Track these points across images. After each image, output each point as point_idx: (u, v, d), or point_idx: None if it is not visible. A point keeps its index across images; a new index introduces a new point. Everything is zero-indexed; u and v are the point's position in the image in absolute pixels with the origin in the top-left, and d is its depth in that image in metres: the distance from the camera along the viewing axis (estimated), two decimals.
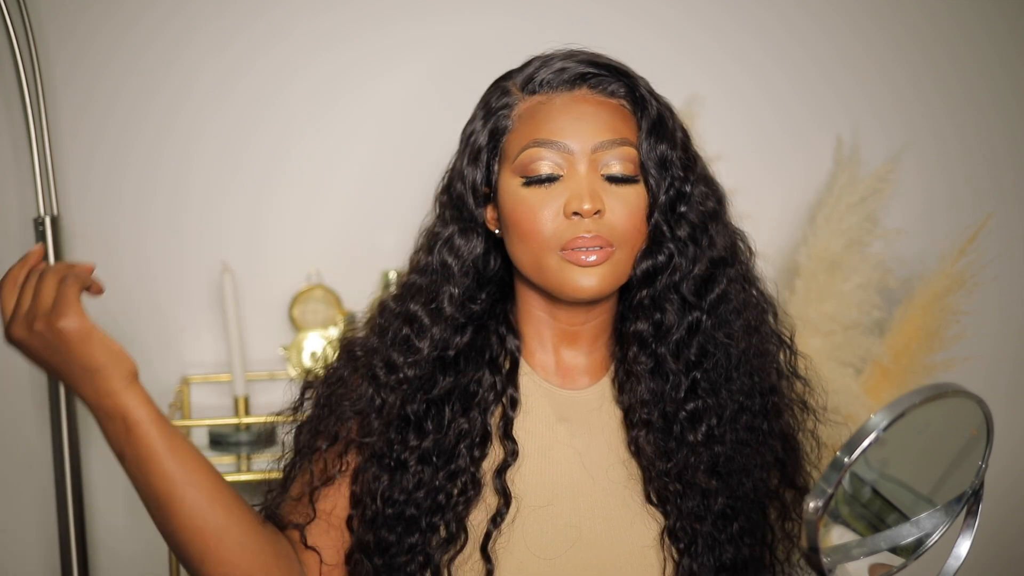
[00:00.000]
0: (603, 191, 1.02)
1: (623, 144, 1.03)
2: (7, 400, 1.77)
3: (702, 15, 1.91)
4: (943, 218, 1.98)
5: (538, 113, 1.04)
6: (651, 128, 1.05)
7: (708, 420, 1.07)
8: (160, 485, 0.90)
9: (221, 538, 0.92)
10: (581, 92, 1.05)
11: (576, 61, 1.06)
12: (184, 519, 0.91)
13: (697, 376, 1.07)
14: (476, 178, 1.07)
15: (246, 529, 0.94)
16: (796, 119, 1.95)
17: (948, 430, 0.86)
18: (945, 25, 1.97)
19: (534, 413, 1.09)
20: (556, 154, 1.02)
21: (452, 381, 1.06)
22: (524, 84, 1.07)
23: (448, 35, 1.82)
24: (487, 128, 1.07)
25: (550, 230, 1.01)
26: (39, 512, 1.79)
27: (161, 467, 0.90)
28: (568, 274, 1.01)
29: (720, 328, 1.08)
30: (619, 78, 1.06)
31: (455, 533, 1.03)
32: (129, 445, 0.89)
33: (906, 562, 0.90)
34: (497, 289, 1.11)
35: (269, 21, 1.79)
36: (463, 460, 1.04)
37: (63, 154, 1.74)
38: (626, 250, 1.03)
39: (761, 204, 1.93)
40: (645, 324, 1.07)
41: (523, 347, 1.11)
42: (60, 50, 1.73)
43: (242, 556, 0.94)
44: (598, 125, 1.03)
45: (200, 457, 0.93)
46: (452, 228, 1.08)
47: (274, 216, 1.82)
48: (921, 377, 1.84)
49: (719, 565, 1.07)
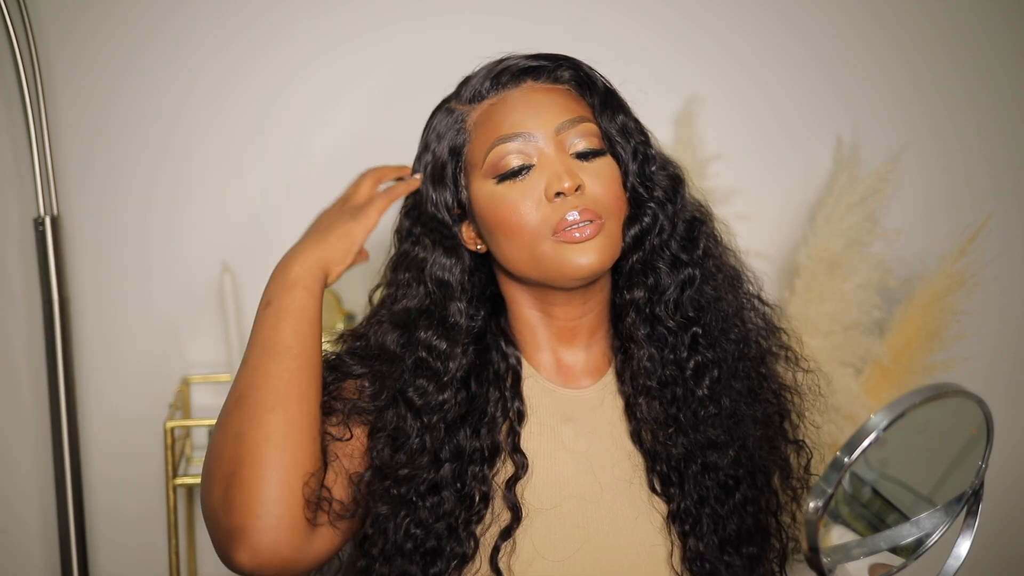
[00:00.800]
0: (577, 168, 1.04)
1: (583, 121, 1.06)
2: (7, 400, 1.77)
3: (702, 15, 1.91)
4: (943, 218, 1.98)
5: (493, 114, 1.06)
6: (603, 102, 1.08)
7: (711, 373, 1.09)
8: (284, 337, 1.01)
9: (301, 400, 0.99)
10: (528, 85, 1.08)
11: (515, 60, 1.09)
12: (284, 371, 0.99)
13: (697, 331, 1.09)
14: (446, 199, 1.08)
15: (316, 409, 1.01)
16: (796, 119, 1.95)
17: (948, 430, 0.86)
18: (945, 25, 1.97)
19: (539, 416, 1.09)
20: (523, 145, 1.03)
21: (465, 403, 1.06)
22: (469, 98, 1.09)
23: (450, 35, 1.82)
24: (444, 148, 1.08)
25: (537, 218, 1.02)
26: (39, 512, 1.79)
27: (295, 325, 1.02)
28: (566, 255, 1.01)
29: (708, 282, 1.11)
30: (560, 64, 1.09)
31: (469, 552, 1.02)
32: (282, 297, 1.03)
33: (906, 562, 0.90)
34: (488, 306, 1.12)
35: (270, 20, 1.79)
36: (476, 479, 1.03)
37: (63, 154, 1.74)
38: (614, 220, 1.05)
39: (761, 204, 1.94)
40: (640, 291, 1.08)
41: (524, 353, 1.11)
42: (60, 50, 1.73)
43: (305, 424, 0.98)
44: (554, 109, 1.05)
45: (320, 340, 1.04)
46: (437, 251, 1.09)
47: (274, 216, 1.82)
48: (921, 377, 1.84)
49: (722, 539, 1.07)
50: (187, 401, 1.80)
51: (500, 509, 1.04)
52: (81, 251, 1.77)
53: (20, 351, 1.76)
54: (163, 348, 1.81)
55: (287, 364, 0.99)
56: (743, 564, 1.09)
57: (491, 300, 1.12)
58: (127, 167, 1.77)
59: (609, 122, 1.08)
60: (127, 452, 1.80)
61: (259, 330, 1.02)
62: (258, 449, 0.94)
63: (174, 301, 1.81)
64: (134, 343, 1.81)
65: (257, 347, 1.00)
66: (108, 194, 1.77)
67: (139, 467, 1.80)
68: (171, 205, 1.80)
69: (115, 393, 1.80)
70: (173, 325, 1.81)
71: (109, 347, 1.79)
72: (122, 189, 1.78)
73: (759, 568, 1.11)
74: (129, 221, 1.78)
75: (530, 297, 1.09)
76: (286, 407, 0.97)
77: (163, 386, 1.80)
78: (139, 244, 1.79)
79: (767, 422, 1.13)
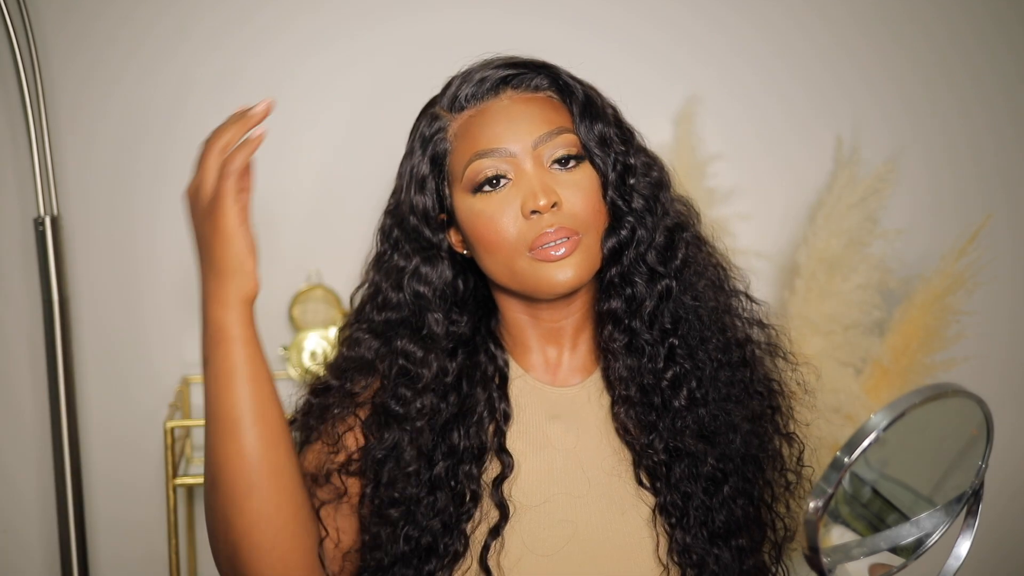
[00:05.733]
0: (555, 183, 1.03)
1: (561, 132, 1.04)
2: (7, 400, 1.77)
3: (702, 15, 1.91)
4: (943, 218, 1.98)
5: (472, 127, 1.05)
6: (583, 111, 1.07)
7: (688, 384, 1.09)
8: (231, 407, 0.90)
9: (275, 476, 0.92)
10: (507, 95, 1.06)
11: (494, 67, 1.07)
12: (245, 448, 0.91)
13: (674, 343, 1.09)
14: (427, 205, 1.08)
15: (296, 477, 0.95)
16: (796, 119, 1.95)
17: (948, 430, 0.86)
18: (945, 25, 1.98)
19: (527, 414, 1.11)
20: (500, 161, 1.03)
21: (457, 404, 1.08)
22: (450, 105, 1.08)
23: (450, 32, 1.82)
24: (427, 156, 1.08)
25: (513, 235, 1.02)
26: (39, 512, 1.79)
27: (236, 390, 0.90)
28: (542, 273, 1.02)
29: (687, 292, 1.10)
30: (539, 71, 1.08)
31: (460, 551, 1.04)
32: (215, 355, 0.91)
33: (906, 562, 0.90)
34: (478, 308, 1.13)
35: (269, 19, 1.79)
36: (465, 478, 1.05)
37: (63, 154, 1.74)
38: (592, 234, 1.05)
39: (761, 204, 1.94)
40: (617, 301, 1.09)
41: (514, 354, 1.13)
42: (60, 51, 1.73)
43: (288, 500, 0.93)
44: (533, 121, 1.04)
45: (275, 397, 0.93)
46: (416, 260, 1.09)
47: (274, 216, 1.82)
48: (921, 377, 1.84)
49: (710, 533, 1.08)
50: (187, 401, 1.80)
51: (489, 507, 1.06)
52: (81, 251, 1.77)
53: (20, 351, 1.76)
54: (163, 348, 1.81)
55: (247, 440, 0.90)
56: (732, 556, 1.09)
57: (483, 303, 1.13)
58: (127, 167, 1.77)
59: (587, 132, 1.06)
60: (127, 452, 1.80)
61: (207, 399, 0.93)
62: (250, 535, 0.92)
63: (174, 301, 1.81)
64: (134, 343, 1.81)
65: (211, 421, 0.93)
66: (108, 194, 1.77)
67: (139, 467, 1.80)
68: (171, 205, 1.79)
69: (115, 393, 1.80)
70: (173, 325, 1.82)
71: (109, 347, 1.79)
72: (122, 189, 1.78)
73: (748, 560, 1.12)
74: (129, 221, 1.78)
75: (516, 301, 1.10)
76: (260, 489, 0.91)
77: (163, 386, 1.80)
78: (139, 244, 1.79)
79: (757, 417, 1.14)
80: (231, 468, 0.91)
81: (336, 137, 1.83)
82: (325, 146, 1.83)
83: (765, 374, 1.16)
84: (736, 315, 1.15)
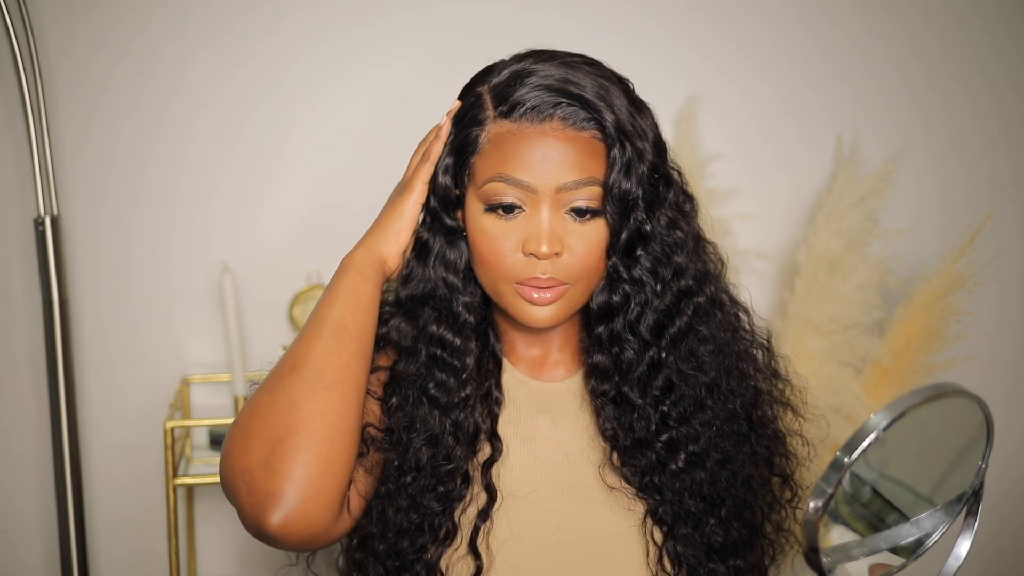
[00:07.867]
0: (564, 231, 1.02)
1: (588, 184, 1.02)
2: (7, 400, 1.77)
3: (703, 15, 1.91)
4: (943, 218, 1.98)
5: (506, 144, 1.02)
6: (620, 166, 1.02)
7: (685, 448, 1.08)
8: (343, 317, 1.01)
9: (354, 384, 0.99)
10: (552, 125, 1.01)
11: (550, 90, 1.02)
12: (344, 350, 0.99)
13: (665, 409, 1.08)
14: (447, 183, 1.07)
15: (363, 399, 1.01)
16: (796, 119, 1.95)
17: (948, 430, 0.86)
18: (944, 26, 1.97)
19: (515, 406, 1.13)
20: (520, 191, 1.02)
21: (474, 389, 1.09)
22: (497, 101, 1.04)
23: (449, 27, 1.82)
24: (458, 139, 1.06)
25: (507, 264, 1.03)
26: (39, 512, 1.79)
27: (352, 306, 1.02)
28: (522, 306, 1.05)
29: (687, 360, 1.08)
30: (591, 112, 1.02)
31: (451, 531, 1.06)
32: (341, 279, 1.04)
33: (906, 562, 0.90)
34: None
35: (269, 16, 1.79)
36: (458, 459, 1.07)
37: (63, 154, 1.74)
38: (581, 286, 1.05)
39: (761, 204, 1.94)
40: (603, 357, 1.09)
41: (503, 346, 1.15)
42: (60, 51, 1.72)
43: (355, 411, 0.99)
44: (565, 164, 1.01)
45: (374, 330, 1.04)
46: (439, 241, 1.09)
47: (274, 216, 1.82)
48: (921, 377, 1.84)
49: (708, 547, 1.09)
50: (187, 401, 1.80)
51: (479, 491, 1.07)
52: (81, 251, 1.77)
53: (20, 351, 1.76)
54: (163, 348, 1.81)
55: (346, 345, 0.99)
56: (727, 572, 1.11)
57: None
58: (127, 167, 1.77)
59: (616, 188, 1.02)
60: (127, 452, 1.80)
61: (317, 308, 1.03)
62: (312, 422, 0.94)
63: (174, 301, 1.81)
64: (134, 343, 1.81)
65: (314, 323, 1.01)
66: (108, 194, 1.77)
67: (139, 467, 1.80)
68: (171, 205, 1.80)
69: (115, 393, 1.80)
70: (173, 325, 1.81)
71: (109, 347, 1.79)
72: (122, 189, 1.77)
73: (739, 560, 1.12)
74: (129, 221, 1.78)
75: None
76: (343, 388, 0.97)
77: (163, 386, 1.80)
78: (139, 244, 1.79)
79: (758, 462, 1.14)
80: (324, 361, 0.98)
81: (336, 137, 1.82)
82: (325, 146, 1.83)
83: (775, 431, 1.15)
84: (749, 372, 1.13)
